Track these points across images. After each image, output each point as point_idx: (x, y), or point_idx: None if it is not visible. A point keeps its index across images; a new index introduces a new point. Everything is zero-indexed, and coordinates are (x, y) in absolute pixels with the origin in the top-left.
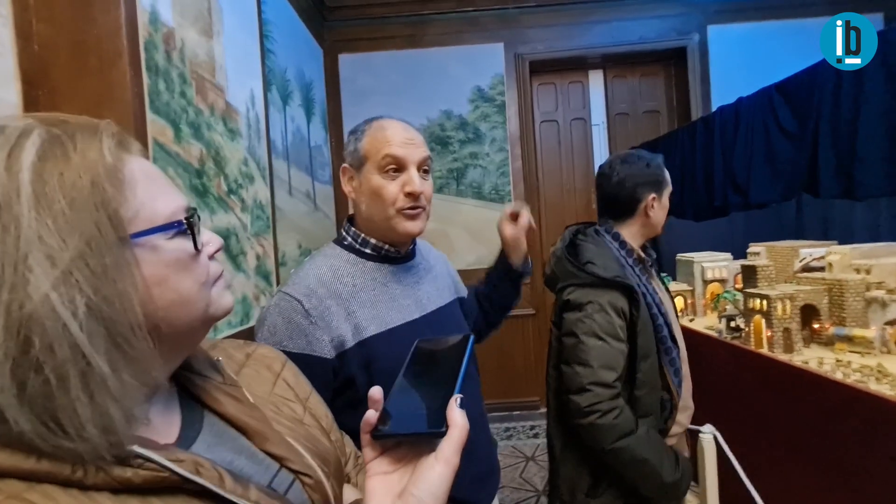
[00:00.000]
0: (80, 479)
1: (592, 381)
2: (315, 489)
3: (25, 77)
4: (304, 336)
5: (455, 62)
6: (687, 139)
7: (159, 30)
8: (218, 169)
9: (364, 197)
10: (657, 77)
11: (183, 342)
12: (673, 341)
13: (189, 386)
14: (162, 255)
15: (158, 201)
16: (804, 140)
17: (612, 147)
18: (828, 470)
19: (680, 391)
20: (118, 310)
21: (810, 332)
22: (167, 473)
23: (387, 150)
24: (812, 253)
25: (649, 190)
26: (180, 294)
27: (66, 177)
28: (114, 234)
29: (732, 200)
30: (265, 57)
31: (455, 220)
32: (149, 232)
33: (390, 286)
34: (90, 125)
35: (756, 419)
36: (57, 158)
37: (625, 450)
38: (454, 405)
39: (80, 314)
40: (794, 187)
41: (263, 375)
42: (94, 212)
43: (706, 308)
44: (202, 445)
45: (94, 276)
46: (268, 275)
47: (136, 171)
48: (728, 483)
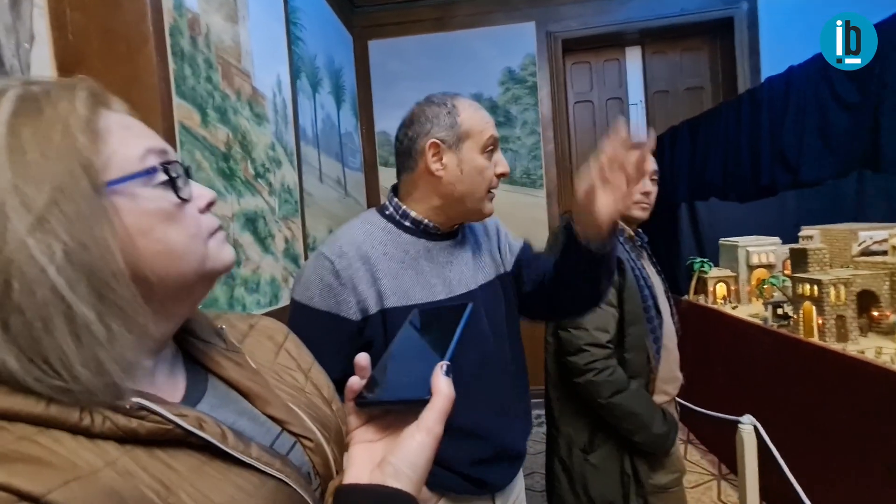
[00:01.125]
0: (88, 426)
1: (588, 342)
2: (315, 452)
3: (61, 65)
4: (334, 296)
5: (484, 44)
6: (732, 115)
7: (184, 15)
8: (245, 153)
9: (461, 175)
10: (700, 51)
11: (179, 297)
12: (657, 312)
13: (193, 351)
14: (142, 203)
15: (131, 146)
16: (864, 110)
17: (651, 127)
18: (878, 466)
19: (658, 357)
20: (96, 256)
21: (868, 320)
22: (171, 426)
23: (491, 130)
24: (872, 236)
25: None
26: (167, 245)
27: (38, 129)
28: (87, 181)
29: (781, 179)
30: (292, 43)
31: None
32: (123, 179)
33: (420, 262)
34: (67, 83)
35: (802, 411)
36: (30, 113)
37: (619, 404)
38: (439, 372)
39: (56, 259)
40: (852, 163)
41: (266, 345)
42: (67, 159)
43: (751, 295)
44: (206, 406)
45: (69, 221)
46: (296, 257)
47: (112, 122)
48: (769, 476)
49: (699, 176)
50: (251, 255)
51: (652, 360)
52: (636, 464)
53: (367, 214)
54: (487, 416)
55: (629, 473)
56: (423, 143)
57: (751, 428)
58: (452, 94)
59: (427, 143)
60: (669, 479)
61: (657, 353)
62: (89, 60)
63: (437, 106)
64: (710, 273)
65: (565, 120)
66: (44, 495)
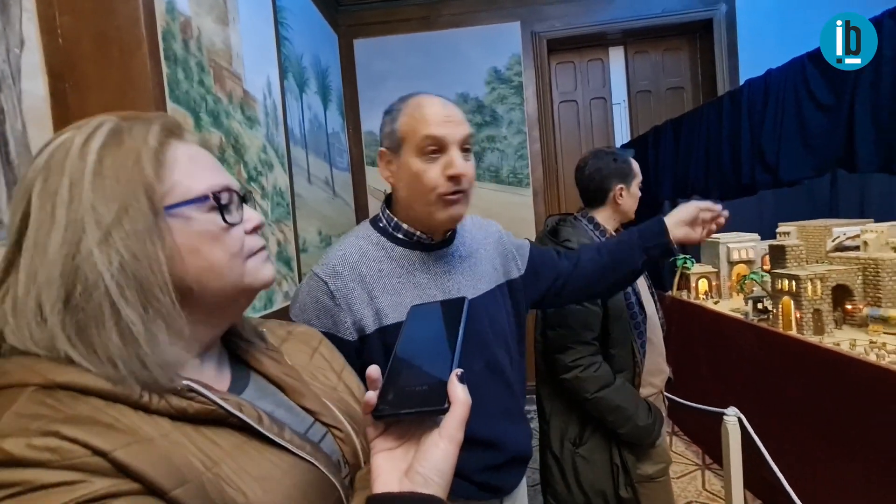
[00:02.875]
0: (146, 403)
1: (574, 340)
2: (345, 442)
3: (52, 70)
4: (330, 316)
5: (470, 43)
6: (713, 115)
7: (176, 19)
8: (238, 156)
9: (403, 182)
10: (681, 52)
11: (221, 307)
12: (640, 308)
13: (238, 351)
14: (194, 225)
15: (194, 179)
16: (839, 112)
17: (634, 126)
18: (859, 455)
19: (643, 351)
20: (146, 268)
21: (843, 313)
22: (215, 407)
23: (425, 130)
24: (846, 232)
25: (617, 181)
26: (210, 262)
27: (117, 159)
28: (147, 203)
29: (761, 178)
30: (280, 44)
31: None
32: (180, 204)
33: (417, 274)
34: (146, 117)
35: (783, 402)
36: (115, 145)
37: (605, 398)
38: (455, 381)
39: (114, 268)
40: (828, 163)
41: (302, 349)
42: (133, 185)
43: (731, 290)
44: (248, 396)
45: (128, 237)
46: (289, 261)
47: (179, 154)
48: (753, 466)
49: (682, 175)
50: None
51: (637, 354)
52: (624, 455)
53: (361, 229)
54: (498, 422)
55: (618, 464)
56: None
57: (735, 420)
58: (412, 94)
59: (379, 154)
60: (656, 469)
61: (642, 347)
62: (81, 65)
63: (387, 113)
64: (693, 269)
65: (550, 119)
66: (110, 452)
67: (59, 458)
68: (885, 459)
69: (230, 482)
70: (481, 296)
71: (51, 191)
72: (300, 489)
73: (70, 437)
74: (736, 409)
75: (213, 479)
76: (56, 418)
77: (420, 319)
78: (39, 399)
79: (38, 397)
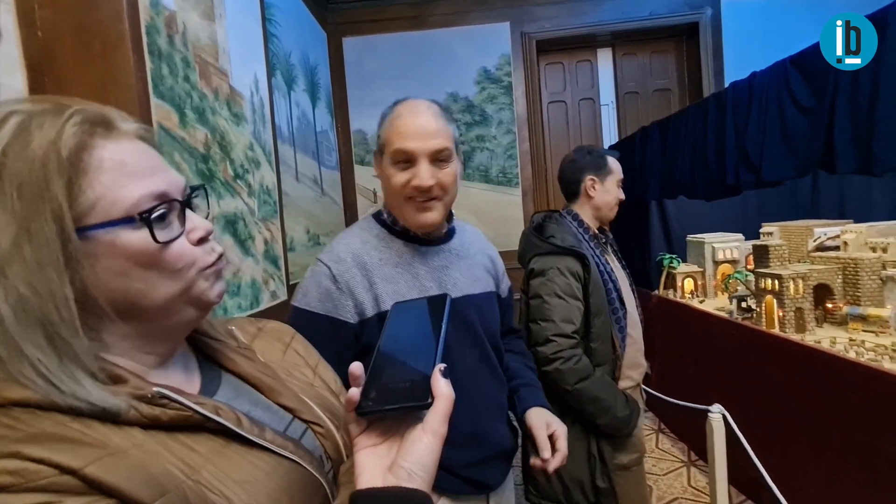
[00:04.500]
0: (115, 414)
1: (555, 332)
2: (326, 437)
3: (30, 64)
4: (332, 300)
5: (460, 43)
6: (698, 117)
7: (161, 13)
8: (224, 154)
9: (382, 184)
10: (668, 54)
11: (169, 322)
12: (621, 303)
13: (207, 350)
14: (120, 247)
15: (122, 191)
16: (820, 115)
17: (622, 127)
18: (839, 448)
19: (623, 345)
20: (49, 307)
21: (824, 311)
22: (190, 413)
23: (397, 142)
24: (826, 232)
25: (588, 172)
26: (147, 283)
27: (19, 163)
28: (55, 229)
29: (745, 178)
30: (268, 41)
31: (462, 204)
32: (102, 225)
33: (415, 266)
34: (59, 107)
35: (767, 399)
36: (18, 145)
37: (584, 390)
38: (438, 375)
39: (10, 303)
40: (809, 164)
41: (274, 345)
42: (40, 203)
43: (717, 289)
44: (222, 398)
45: (28, 269)
46: (276, 259)
47: (105, 158)
48: (737, 462)
49: (669, 175)
50: (231, 258)
51: (618, 348)
52: (601, 446)
53: (365, 222)
54: (485, 417)
55: (595, 455)
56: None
57: (720, 416)
58: (401, 100)
59: (373, 153)
60: (630, 459)
61: (623, 342)
62: (61, 59)
63: (382, 117)
64: (679, 269)
65: (540, 119)
66: (82, 468)
67: (23, 480)
68: (863, 454)
69: (212, 488)
70: (477, 294)
71: None
72: (285, 489)
73: (34, 457)
74: (720, 406)
75: (194, 487)
76: (14, 438)
77: (403, 316)
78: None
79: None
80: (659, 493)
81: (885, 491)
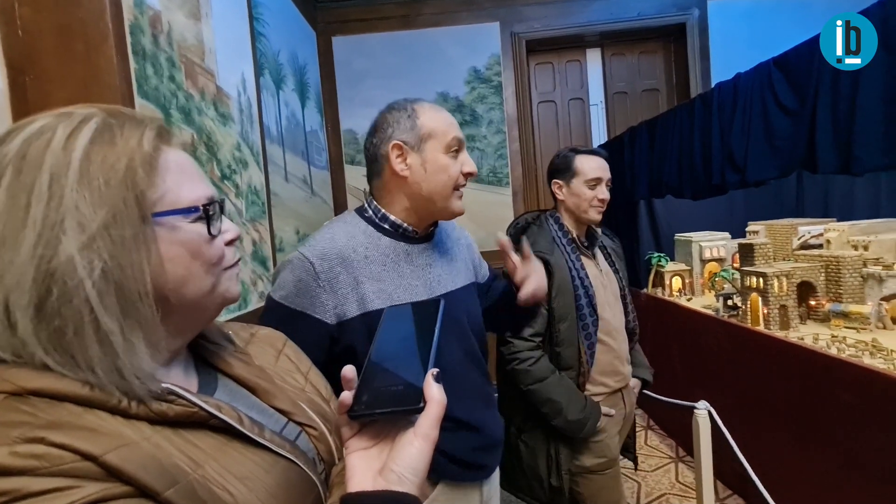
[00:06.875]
0: (125, 408)
1: (514, 335)
2: (319, 440)
3: (11, 63)
4: (310, 296)
5: (450, 43)
6: (685, 117)
7: (145, 13)
8: (210, 154)
9: (425, 174)
10: (656, 55)
11: (194, 317)
12: (591, 310)
13: (204, 353)
14: (179, 234)
15: (184, 188)
16: (803, 115)
17: (611, 127)
18: (821, 443)
19: (591, 352)
20: (129, 277)
21: (807, 308)
22: (196, 409)
23: (454, 132)
24: (810, 230)
25: (554, 176)
26: (189, 272)
27: (107, 159)
28: (137, 211)
29: (730, 178)
30: (256, 40)
31: None
32: (169, 213)
33: (401, 265)
34: (138, 117)
35: (752, 395)
36: (105, 143)
37: (536, 391)
38: (431, 380)
39: (95, 276)
40: (792, 164)
41: (267, 351)
42: (124, 190)
43: (704, 287)
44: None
45: (114, 244)
46: (265, 260)
47: (170, 161)
48: (723, 458)
49: (657, 175)
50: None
51: (583, 354)
52: (558, 446)
53: (349, 217)
54: (476, 407)
55: (552, 455)
56: (387, 147)
57: (705, 413)
58: (413, 98)
59: (390, 146)
60: (595, 463)
61: (589, 349)
62: (43, 59)
63: (398, 111)
64: (667, 267)
65: (530, 119)
66: (101, 455)
67: (48, 464)
68: (845, 447)
69: (216, 483)
70: (460, 289)
71: (26, 184)
72: (282, 487)
73: (57, 442)
74: (706, 402)
75: (200, 480)
76: (38, 424)
77: (395, 320)
78: (13, 406)
79: (12, 404)
80: (647, 489)
81: (866, 483)
